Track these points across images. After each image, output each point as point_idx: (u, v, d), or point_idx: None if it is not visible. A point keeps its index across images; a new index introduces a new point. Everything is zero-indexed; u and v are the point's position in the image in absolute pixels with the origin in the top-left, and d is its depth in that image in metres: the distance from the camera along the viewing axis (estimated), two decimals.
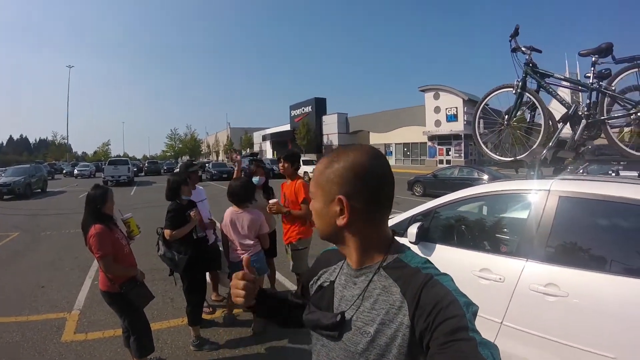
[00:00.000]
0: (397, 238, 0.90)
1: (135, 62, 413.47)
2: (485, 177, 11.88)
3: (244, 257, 1.05)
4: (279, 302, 1.10)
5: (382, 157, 0.87)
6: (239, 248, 3.33)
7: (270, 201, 3.64)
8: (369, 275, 0.85)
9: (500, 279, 2.25)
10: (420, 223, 2.85)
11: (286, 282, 4.91)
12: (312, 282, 1.04)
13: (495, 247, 2.67)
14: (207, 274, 4.04)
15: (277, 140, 52.18)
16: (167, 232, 3.19)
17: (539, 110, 2.87)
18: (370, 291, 0.83)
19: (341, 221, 0.83)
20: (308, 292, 1.06)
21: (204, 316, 3.76)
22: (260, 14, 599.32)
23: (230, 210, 3.38)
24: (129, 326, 2.77)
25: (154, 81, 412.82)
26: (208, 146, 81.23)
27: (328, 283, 0.96)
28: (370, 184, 0.83)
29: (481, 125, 3.51)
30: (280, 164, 3.78)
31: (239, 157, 4.76)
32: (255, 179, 4.04)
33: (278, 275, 4.74)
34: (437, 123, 32.83)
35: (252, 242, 3.33)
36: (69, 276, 5.41)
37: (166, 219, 3.20)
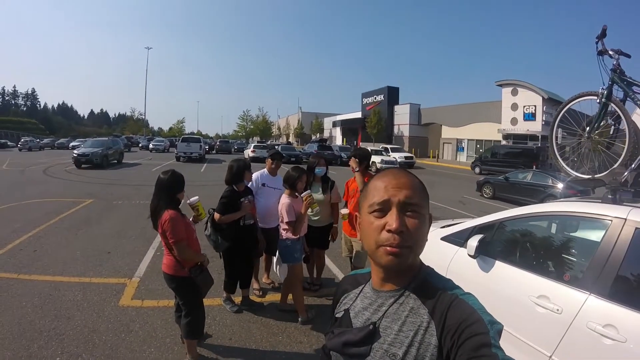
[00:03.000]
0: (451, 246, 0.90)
1: (212, 44, 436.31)
2: (560, 185, 10.68)
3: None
4: None
5: None
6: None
7: (304, 193, 3.39)
8: (397, 297, 0.85)
9: (557, 310, 2.07)
10: (482, 236, 2.71)
11: (334, 267, 5.01)
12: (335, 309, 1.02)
13: (557, 271, 2.44)
14: (263, 256, 4.17)
15: (348, 127, 51.67)
16: (216, 215, 3.34)
17: (624, 123, 2.52)
18: (398, 313, 0.83)
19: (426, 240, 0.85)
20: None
21: (254, 298, 3.90)
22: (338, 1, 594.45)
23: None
24: (186, 309, 2.79)
25: (230, 63, 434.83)
26: (279, 128, 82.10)
27: (342, 313, 0.95)
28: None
29: (559, 134, 3.18)
30: (354, 162, 3.70)
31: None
32: (317, 170, 4.07)
33: (327, 261, 4.81)
34: (514, 121, 30.13)
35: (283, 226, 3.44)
36: (134, 245, 5.74)
37: (219, 203, 3.33)
